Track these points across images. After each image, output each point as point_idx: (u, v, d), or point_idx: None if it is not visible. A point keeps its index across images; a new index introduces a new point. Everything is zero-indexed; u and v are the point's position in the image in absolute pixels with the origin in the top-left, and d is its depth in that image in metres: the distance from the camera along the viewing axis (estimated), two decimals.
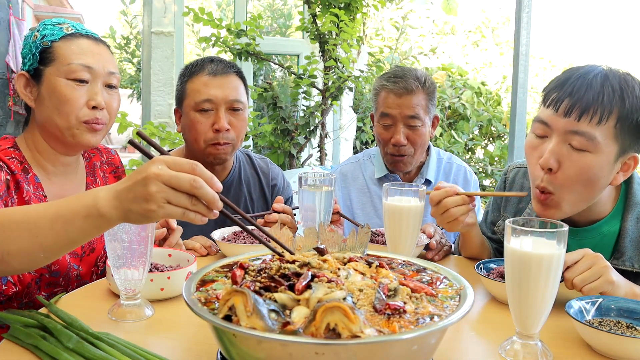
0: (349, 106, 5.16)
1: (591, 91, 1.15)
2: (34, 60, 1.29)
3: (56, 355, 0.87)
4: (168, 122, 4.27)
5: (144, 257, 1.05)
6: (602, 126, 1.14)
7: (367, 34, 5.52)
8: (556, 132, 1.18)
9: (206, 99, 1.62)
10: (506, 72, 7.22)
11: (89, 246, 1.37)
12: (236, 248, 1.42)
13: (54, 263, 1.26)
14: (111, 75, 1.33)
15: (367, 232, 1.02)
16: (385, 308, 0.73)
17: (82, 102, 1.28)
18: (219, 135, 1.62)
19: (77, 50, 1.28)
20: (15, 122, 4.65)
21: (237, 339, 0.70)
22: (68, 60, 1.26)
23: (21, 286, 1.23)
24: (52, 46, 1.28)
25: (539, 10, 11.81)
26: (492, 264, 1.30)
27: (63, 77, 1.26)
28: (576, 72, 1.21)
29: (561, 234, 0.89)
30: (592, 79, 1.16)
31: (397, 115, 1.83)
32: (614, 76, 1.17)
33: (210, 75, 1.64)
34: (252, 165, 1.88)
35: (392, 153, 1.88)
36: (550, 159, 1.18)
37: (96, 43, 1.33)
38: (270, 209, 1.59)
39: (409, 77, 1.83)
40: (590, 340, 0.96)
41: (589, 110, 1.14)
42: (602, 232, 1.30)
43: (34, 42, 1.29)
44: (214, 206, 0.85)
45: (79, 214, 0.87)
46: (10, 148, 1.29)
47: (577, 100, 1.15)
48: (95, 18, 28.04)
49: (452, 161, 2.05)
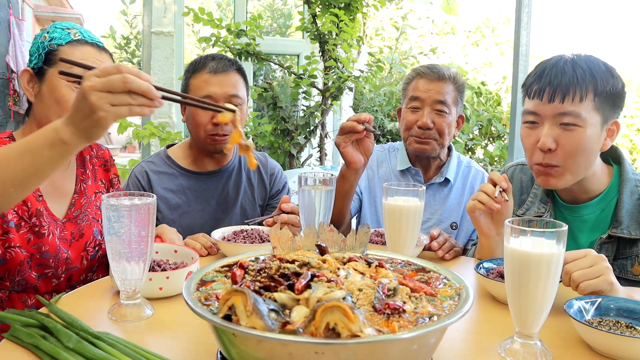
0: (349, 106, 5.16)
1: (566, 76, 1.33)
2: (39, 60, 1.35)
3: (56, 355, 0.87)
4: (168, 122, 4.27)
5: (144, 257, 1.05)
6: (584, 103, 1.32)
7: (367, 34, 5.53)
8: (546, 118, 1.36)
9: (206, 95, 1.72)
10: (506, 72, 7.23)
11: (78, 231, 1.41)
12: (236, 248, 1.42)
13: (44, 244, 1.31)
14: None
15: (367, 232, 1.03)
16: (384, 308, 0.73)
17: None
18: (218, 127, 1.73)
19: (79, 55, 1.34)
20: (15, 122, 4.65)
21: (237, 339, 0.70)
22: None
23: (12, 264, 1.29)
24: (58, 49, 1.34)
25: (539, 10, 11.82)
26: (492, 263, 1.30)
27: (64, 78, 1.31)
28: (548, 63, 1.38)
29: (561, 233, 0.89)
30: (564, 66, 1.34)
31: (427, 99, 1.87)
32: (580, 59, 1.36)
33: (211, 73, 1.74)
34: None
35: (417, 135, 1.89)
36: (548, 141, 1.34)
37: (99, 51, 1.39)
38: (278, 209, 1.61)
39: (442, 68, 1.92)
40: (590, 340, 0.96)
41: (569, 92, 1.31)
42: (601, 206, 1.45)
43: (42, 42, 1.35)
44: (151, 95, 0.94)
45: (44, 145, 0.97)
46: (6, 138, 1.36)
47: (556, 87, 1.33)
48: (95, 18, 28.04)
49: (471, 165, 2.06)
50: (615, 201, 1.43)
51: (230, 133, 1.17)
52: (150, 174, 1.78)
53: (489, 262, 1.30)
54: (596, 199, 1.44)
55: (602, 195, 1.44)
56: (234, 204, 1.85)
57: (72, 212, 1.41)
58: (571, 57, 1.37)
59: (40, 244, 1.31)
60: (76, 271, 1.40)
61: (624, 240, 1.39)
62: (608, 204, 1.44)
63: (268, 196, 1.94)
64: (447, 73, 1.89)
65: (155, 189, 1.76)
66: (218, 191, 1.84)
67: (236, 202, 1.85)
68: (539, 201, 1.53)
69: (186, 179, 1.80)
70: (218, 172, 1.84)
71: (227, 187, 1.85)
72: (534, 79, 1.38)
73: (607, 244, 1.40)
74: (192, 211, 1.80)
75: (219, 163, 1.85)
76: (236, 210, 1.85)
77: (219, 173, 1.84)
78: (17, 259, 1.29)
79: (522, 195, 1.61)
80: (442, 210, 1.95)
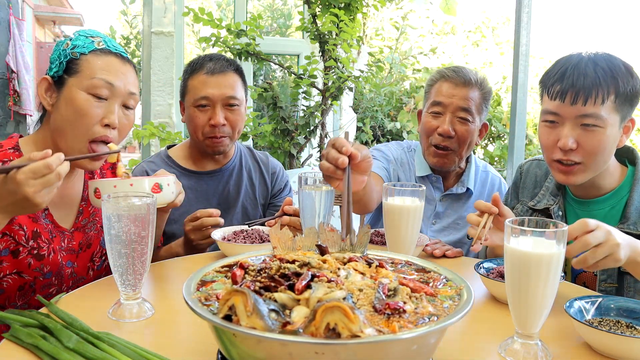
0: (349, 106, 5.16)
1: (588, 78, 1.32)
2: (59, 68, 1.29)
3: (56, 355, 0.87)
4: (168, 122, 4.27)
5: (144, 257, 1.06)
6: (605, 104, 1.32)
7: (367, 34, 5.53)
8: (567, 119, 1.36)
9: (203, 97, 1.73)
10: (506, 72, 7.23)
11: (86, 241, 1.39)
12: (236, 248, 1.42)
13: (45, 265, 1.28)
14: (131, 96, 1.34)
15: (367, 232, 1.03)
16: (385, 308, 0.73)
17: (97, 119, 1.28)
18: (216, 129, 1.74)
19: (102, 65, 1.29)
20: (15, 122, 4.65)
21: (237, 339, 0.70)
22: (92, 75, 1.27)
23: (11, 291, 1.26)
24: (80, 58, 1.29)
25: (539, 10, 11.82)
26: (492, 263, 1.30)
27: (84, 90, 1.27)
28: (568, 64, 1.37)
29: (561, 233, 0.89)
30: (585, 67, 1.34)
31: (449, 105, 1.78)
32: (600, 59, 1.36)
33: (208, 74, 1.74)
34: (253, 157, 1.98)
35: (436, 144, 1.80)
36: (569, 142, 1.35)
37: (123, 62, 1.34)
38: (280, 211, 1.61)
39: (469, 72, 1.81)
40: (590, 339, 0.96)
41: (592, 95, 1.32)
42: (611, 203, 1.46)
43: (64, 50, 1.30)
44: (63, 166, 1.08)
45: None
46: (10, 149, 1.30)
47: (579, 89, 1.32)
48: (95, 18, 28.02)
49: (488, 170, 2.00)
50: (625, 199, 1.44)
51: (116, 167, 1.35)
52: (151, 174, 1.78)
53: (489, 262, 1.30)
54: (607, 195, 1.46)
55: (613, 192, 1.45)
56: (235, 203, 1.85)
57: (79, 221, 1.38)
58: (591, 57, 1.36)
59: (41, 266, 1.27)
60: (82, 282, 1.37)
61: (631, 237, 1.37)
62: (619, 202, 1.45)
63: (270, 195, 1.94)
64: (474, 78, 1.79)
65: None
66: (219, 191, 1.84)
67: (237, 202, 1.86)
68: (549, 194, 1.55)
69: (187, 179, 1.80)
70: (218, 172, 1.84)
71: (228, 186, 1.85)
72: (556, 80, 1.37)
73: None
74: (193, 211, 1.80)
75: (219, 163, 1.85)
76: (237, 210, 1.86)
77: (219, 172, 1.84)
78: (13, 285, 1.25)
79: (535, 188, 1.63)
80: (460, 219, 1.90)
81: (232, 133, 1.78)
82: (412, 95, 6.31)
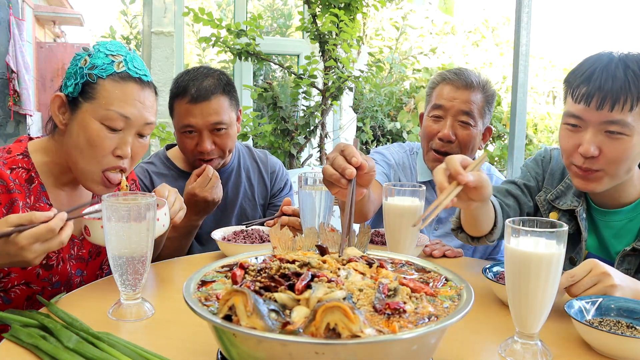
0: (349, 106, 5.16)
1: (617, 82, 1.21)
2: (75, 90, 1.24)
3: (56, 355, 0.87)
4: (168, 122, 4.26)
5: (144, 257, 1.05)
6: (634, 111, 1.21)
7: (367, 34, 5.53)
8: (591, 124, 1.25)
9: (187, 125, 1.68)
10: (506, 72, 7.23)
11: (96, 250, 1.37)
12: (236, 248, 1.42)
13: (54, 275, 1.27)
14: (147, 125, 1.28)
15: (367, 232, 1.02)
16: (385, 308, 0.73)
17: (109, 150, 1.24)
18: (203, 154, 1.71)
19: (121, 96, 1.22)
20: (15, 122, 4.65)
21: (237, 339, 0.70)
22: (108, 106, 1.22)
23: (19, 302, 1.24)
24: (97, 82, 1.22)
25: (539, 10, 11.82)
26: (500, 267, 1.27)
27: (98, 120, 1.22)
28: (597, 64, 1.26)
29: (561, 233, 0.89)
30: (615, 69, 1.22)
31: (450, 108, 1.73)
32: (632, 61, 1.24)
33: (192, 103, 1.67)
34: (252, 156, 1.96)
35: (436, 149, 1.76)
36: (591, 149, 1.25)
37: (142, 88, 1.26)
38: (280, 211, 1.60)
39: (471, 74, 1.77)
40: (591, 340, 0.96)
41: (620, 100, 1.21)
42: (629, 216, 1.37)
43: (81, 68, 1.24)
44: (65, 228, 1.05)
45: None
46: (19, 156, 1.26)
47: (607, 93, 1.21)
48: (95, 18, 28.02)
49: (492, 173, 1.96)
50: None
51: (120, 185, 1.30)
52: (152, 175, 1.78)
53: (498, 267, 1.28)
54: (629, 206, 1.36)
55: (635, 203, 1.36)
56: (233, 205, 1.85)
57: None
58: (621, 58, 1.25)
59: (50, 276, 1.26)
60: None
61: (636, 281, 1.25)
62: (637, 215, 1.36)
63: (270, 195, 1.93)
64: (476, 80, 1.75)
65: None
66: None
67: (236, 203, 1.85)
68: (572, 194, 1.44)
69: (185, 181, 1.80)
70: None
71: (226, 188, 1.84)
72: (582, 81, 1.26)
73: (631, 257, 1.33)
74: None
75: (215, 168, 1.85)
76: (236, 211, 1.85)
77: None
78: (22, 296, 1.24)
79: (559, 182, 1.50)
80: None
81: (223, 153, 1.75)
82: (412, 95, 6.31)
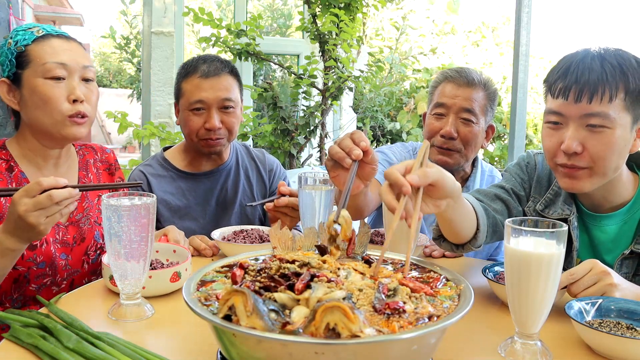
0: (349, 106, 5.16)
1: (594, 74, 1.19)
2: (11, 66, 1.33)
3: (56, 355, 0.87)
4: (168, 122, 4.26)
5: (144, 257, 1.05)
6: (613, 102, 1.19)
7: (367, 34, 5.53)
8: (572, 119, 1.23)
9: (198, 100, 1.71)
10: (506, 72, 7.23)
11: (80, 236, 1.41)
12: (236, 248, 1.42)
13: (38, 255, 1.31)
14: (86, 68, 1.37)
15: (367, 232, 1.02)
16: (384, 308, 0.73)
17: (63, 98, 1.32)
18: (211, 132, 1.72)
19: (49, 50, 1.33)
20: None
21: (237, 339, 0.70)
22: (43, 60, 1.31)
23: (6, 285, 1.28)
24: (26, 50, 1.32)
25: (539, 10, 11.81)
26: (500, 267, 1.28)
27: (41, 77, 1.30)
28: (573, 59, 1.25)
29: (560, 233, 0.89)
30: (591, 62, 1.21)
31: (452, 106, 1.73)
32: (609, 54, 1.22)
33: (202, 77, 1.72)
34: (250, 155, 1.97)
35: (438, 145, 1.76)
36: (573, 144, 1.22)
37: (67, 41, 1.37)
38: (277, 194, 1.59)
39: (472, 72, 1.77)
40: (590, 341, 0.96)
41: (598, 92, 1.18)
42: (624, 219, 1.33)
43: (8, 48, 1.34)
44: (73, 196, 1.11)
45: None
46: None
47: (583, 85, 1.19)
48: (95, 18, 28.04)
49: (494, 175, 1.94)
50: (639, 214, 1.31)
51: None
52: (149, 177, 1.78)
53: (498, 267, 1.28)
54: (622, 209, 1.32)
55: (626, 207, 1.32)
56: (233, 203, 1.85)
57: (74, 215, 1.41)
58: (599, 52, 1.23)
59: (34, 256, 1.30)
60: (78, 275, 1.39)
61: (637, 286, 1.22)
62: (631, 217, 1.32)
63: (268, 193, 1.93)
64: (477, 78, 1.75)
65: (155, 193, 1.76)
66: (216, 191, 1.84)
67: (235, 201, 1.85)
68: (562, 201, 1.38)
69: (184, 181, 1.80)
70: (215, 172, 1.84)
71: (225, 186, 1.85)
72: (558, 76, 1.24)
73: (629, 260, 1.30)
74: (192, 212, 1.80)
75: (215, 163, 1.85)
76: (235, 209, 1.85)
77: (216, 173, 1.84)
78: (8, 279, 1.27)
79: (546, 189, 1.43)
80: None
81: (229, 135, 1.77)
82: (412, 95, 6.31)
